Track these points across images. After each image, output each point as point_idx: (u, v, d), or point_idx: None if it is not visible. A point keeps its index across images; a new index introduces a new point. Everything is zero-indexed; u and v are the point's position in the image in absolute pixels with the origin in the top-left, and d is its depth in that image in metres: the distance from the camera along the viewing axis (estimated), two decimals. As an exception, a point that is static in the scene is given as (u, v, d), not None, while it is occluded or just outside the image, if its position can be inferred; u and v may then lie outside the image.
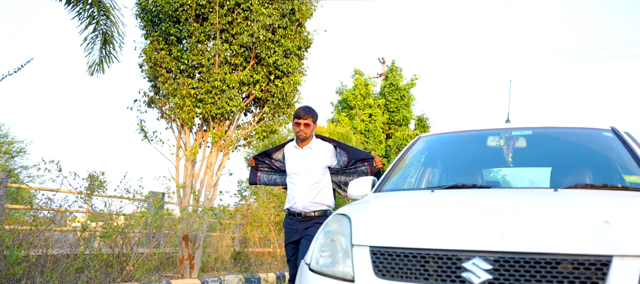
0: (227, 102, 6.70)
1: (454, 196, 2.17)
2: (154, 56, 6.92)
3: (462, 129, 2.94)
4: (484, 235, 1.65)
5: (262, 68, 6.94)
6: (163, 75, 6.94)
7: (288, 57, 6.96)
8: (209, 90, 6.75)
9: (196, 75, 7.19)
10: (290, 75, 7.06)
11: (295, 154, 3.76)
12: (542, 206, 1.88)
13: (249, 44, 6.70)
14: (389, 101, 16.31)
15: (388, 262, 1.72)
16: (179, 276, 7.12)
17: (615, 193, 2.03)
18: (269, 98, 7.13)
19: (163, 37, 6.95)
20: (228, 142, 7.10)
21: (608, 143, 2.53)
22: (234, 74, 6.91)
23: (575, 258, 1.50)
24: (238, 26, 6.82)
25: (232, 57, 6.92)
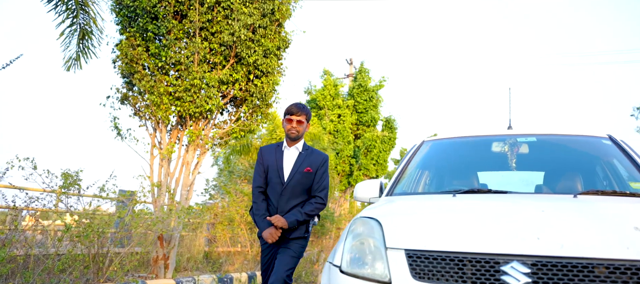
0: (206, 101, 6.66)
1: (478, 201, 2.24)
2: (130, 52, 6.78)
3: (466, 135, 3.03)
4: (520, 239, 1.72)
5: (242, 67, 6.93)
6: (139, 72, 6.81)
7: (267, 57, 6.99)
8: (187, 88, 6.68)
9: (173, 73, 7.10)
10: (269, 75, 7.08)
11: (285, 156, 3.43)
12: (570, 212, 1.97)
13: (230, 42, 6.68)
14: (358, 102, 16.52)
15: (425, 265, 1.77)
16: (153, 277, 7.01)
17: (630, 200, 2.15)
18: (248, 97, 7.12)
19: (140, 33, 6.82)
20: (206, 140, 7.06)
21: (608, 150, 2.69)
22: (213, 73, 6.87)
23: (611, 263, 1.58)
24: (218, 24, 6.78)
25: (212, 55, 6.87)
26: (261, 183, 3.40)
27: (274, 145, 3.48)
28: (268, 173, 3.37)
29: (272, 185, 3.35)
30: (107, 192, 6.21)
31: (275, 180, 3.33)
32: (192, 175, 7.23)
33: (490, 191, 2.41)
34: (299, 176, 3.30)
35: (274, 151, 3.42)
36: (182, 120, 7.34)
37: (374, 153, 16.01)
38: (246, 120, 7.35)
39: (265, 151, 3.47)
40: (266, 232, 3.21)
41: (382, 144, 16.39)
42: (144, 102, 7.15)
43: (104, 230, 5.67)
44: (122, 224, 6.09)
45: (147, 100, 6.89)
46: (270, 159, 3.40)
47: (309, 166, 3.32)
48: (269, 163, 3.39)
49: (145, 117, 7.33)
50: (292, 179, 3.30)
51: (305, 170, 3.31)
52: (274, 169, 3.35)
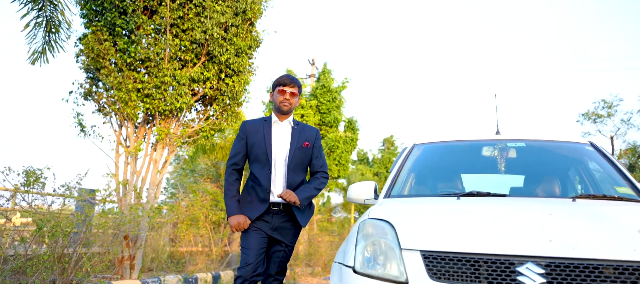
0: (176, 98, 6.57)
1: (482, 204, 2.33)
2: (97, 47, 6.60)
3: (455, 139, 3.14)
4: (533, 241, 1.81)
5: (214, 66, 6.88)
6: (107, 68, 6.64)
7: (239, 56, 6.97)
8: (157, 85, 6.57)
9: (141, 70, 6.95)
10: (240, 74, 7.07)
11: (274, 131, 3.09)
12: (574, 215, 2.08)
13: (202, 40, 6.62)
14: (321, 102, 16.63)
15: (441, 266, 1.85)
16: (118, 277, 6.85)
17: (623, 204, 2.30)
18: (219, 96, 7.08)
19: (108, 27, 6.65)
20: (175, 139, 6.96)
21: (591, 156, 2.86)
22: (183, 70, 6.79)
23: (620, 264, 1.70)
24: (189, 21, 6.71)
25: (182, 52, 6.79)
26: (238, 161, 3.06)
27: (259, 120, 3.13)
28: (253, 149, 3.02)
29: (259, 162, 3.00)
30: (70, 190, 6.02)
31: (263, 158, 2.98)
32: (160, 173, 7.11)
33: (491, 195, 2.51)
34: (299, 152, 3.03)
35: (261, 125, 3.07)
36: (150, 118, 7.21)
37: (336, 154, 16.15)
38: (216, 119, 7.29)
39: (250, 125, 3.10)
40: (234, 220, 2.92)
41: (345, 145, 16.56)
42: (110, 98, 6.97)
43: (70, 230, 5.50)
44: (88, 224, 5.92)
45: (114, 96, 6.72)
46: (257, 135, 3.03)
47: (306, 141, 3.08)
48: (255, 139, 3.02)
49: (110, 114, 7.16)
50: (294, 156, 3.01)
51: (304, 144, 3.06)
52: (261, 145, 2.99)
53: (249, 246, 2.94)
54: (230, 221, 2.95)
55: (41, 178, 5.86)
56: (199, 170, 12.68)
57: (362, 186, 2.86)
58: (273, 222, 2.99)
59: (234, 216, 2.96)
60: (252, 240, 2.95)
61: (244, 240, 2.99)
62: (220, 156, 10.78)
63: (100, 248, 6.15)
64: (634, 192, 2.46)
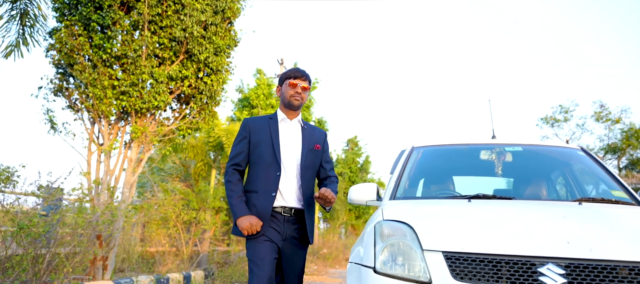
0: (154, 97, 6.48)
1: (495, 206, 2.42)
2: (71, 42, 6.42)
3: (454, 142, 3.25)
4: (552, 243, 1.90)
5: (192, 64, 6.83)
6: (81, 63, 6.47)
7: (218, 55, 6.95)
8: (134, 82, 6.46)
9: (117, 67, 6.81)
10: (218, 73, 7.04)
11: (282, 129, 2.78)
12: (587, 218, 2.20)
13: (181, 38, 6.56)
14: (291, 102, 16.68)
15: (464, 266, 1.91)
16: (90, 278, 6.68)
17: (624, 207, 2.45)
18: (196, 95, 7.03)
19: (82, 22, 6.48)
20: (151, 137, 6.86)
21: (583, 161, 3.03)
22: (161, 68, 6.70)
23: (636, 265, 1.81)
24: (168, 19, 6.63)
25: (161, 50, 6.70)
26: (240, 161, 2.73)
27: (264, 117, 2.83)
28: (257, 149, 2.70)
29: (263, 164, 2.67)
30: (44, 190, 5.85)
31: (269, 158, 2.66)
32: (134, 172, 6.99)
33: (497, 198, 2.61)
34: (311, 155, 2.77)
35: (266, 123, 2.77)
36: (124, 115, 7.07)
37: (306, 154, 16.23)
38: (193, 118, 7.23)
39: (254, 123, 2.78)
40: (245, 221, 2.55)
41: (314, 145, 16.67)
42: (82, 95, 6.80)
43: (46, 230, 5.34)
44: (63, 224, 5.76)
45: (88, 92, 6.56)
46: (262, 132, 2.73)
47: (317, 143, 2.83)
48: (260, 137, 2.72)
49: (82, 111, 6.98)
50: (307, 158, 2.74)
51: (315, 147, 2.81)
52: (267, 144, 2.69)
53: (259, 257, 2.56)
54: (240, 224, 2.57)
55: (12, 177, 5.67)
56: (168, 169, 12.47)
57: (364, 188, 2.90)
58: (285, 231, 2.65)
59: (245, 217, 2.58)
60: (262, 251, 2.57)
61: (252, 251, 2.60)
62: (191, 155, 10.66)
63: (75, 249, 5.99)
64: (627, 195, 2.64)
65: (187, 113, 7.33)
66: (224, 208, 10.80)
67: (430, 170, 3.22)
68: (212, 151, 11.31)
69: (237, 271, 10.16)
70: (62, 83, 6.93)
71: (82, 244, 6.09)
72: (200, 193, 10.41)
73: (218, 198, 10.40)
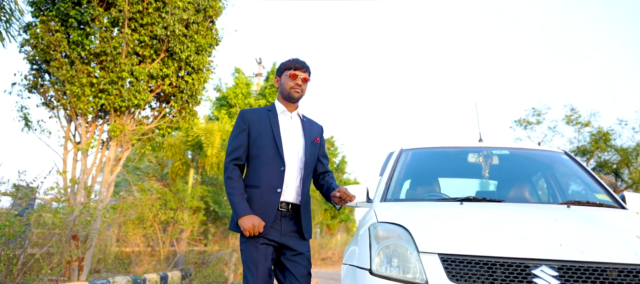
0: (134, 95, 6.38)
1: (486, 208, 2.47)
2: (47, 38, 6.27)
3: (442, 145, 3.30)
4: (545, 245, 1.96)
5: (173, 62, 6.75)
6: (57, 60, 6.32)
7: (199, 54, 6.89)
8: (113, 80, 6.35)
9: (95, 64, 6.68)
10: (200, 72, 6.99)
11: (282, 122, 2.67)
12: (577, 221, 2.26)
13: (162, 36, 6.48)
14: (270, 102, 16.64)
15: (460, 268, 1.95)
16: (65, 279, 6.54)
17: (611, 210, 2.52)
18: (177, 93, 6.96)
19: (60, 18, 6.33)
20: (130, 136, 6.75)
21: (567, 164, 3.12)
22: (141, 66, 6.60)
23: (624, 267, 1.88)
24: (149, 16, 6.54)
25: (141, 48, 6.60)
26: (241, 155, 2.59)
27: (262, 109, 2.71)
28: (258, 142, 2.58)
29: (264, 157, 2.56)
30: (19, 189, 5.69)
31: (271, 152, 2.55)
32: (113, 171, 6.87)
33: (487, 200, 2.65)
34: (312, 148, 2.67)
35: (265, 115, 2.66)
36: (102, 114, 6.95)
37: (284, 154, 16.21)
38: (173, 117, 7.15)
39: (252, 114, 2.66)
40: (248, 221, 2.42)
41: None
42: (59, 92, 6.64)
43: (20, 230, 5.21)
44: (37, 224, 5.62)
45: (65, 90, 6.42)
46: (261, 124, 2.61)
47: (316, 136, 2.74)
48: (260, 129, 2.60)
49: (57, 108, 6.82)
50: (308, 152, 2.64)
51: (316, 140, 2.72)
52: (268, 137, 2.58)
53: (253, 263, 2.46)
54: (242, 224, 2.43)
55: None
56: (144, 168, 12.28)
57: (354, 189, 2.89)
58: (283, 227, 2.54)
59: (247, 217, 2.44)
60: (257, 256, 2.47)
61: (248, 255, 2.49)
62: (169, 154, 10.53)
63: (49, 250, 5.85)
64: (610, 198, 2.74)
65: (167, 112, 7.24)
66: (201, 208, 10.70)
67: (420, 172, 3.27)
68: (190, 150, 11.20)
69: (215, 272, 10.07)
70: (37, 80, 6.76)
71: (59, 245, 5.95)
72: (178, 192, 10.29)
73: (196, 198, 10.29)
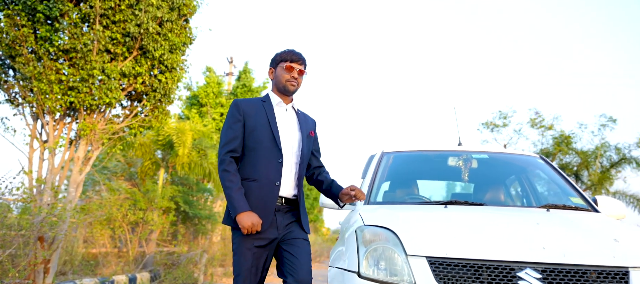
0: (106, 93, 6.24)
1: (470, 212, 2.53)
2: (13, 33, 6.05)
3: (423, 148, 3.34)
4: (529, 249, 2.02)
5: (146, 61, 6.63)
6: (24, 56, 6.12)
7: (173, 52, 6.79)
8: (84, 78, 6.19)
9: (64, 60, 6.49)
10: (173, 71, 6.89)
11: (278, 114, 2.58)
12: (557, 224, 2.34)
13: (136, 34, 6.35)
14: (241, 102, 16.53)
15: (448, 271, 2.00)
16: (30, 283, 6.33)
17: (587, 214, 2.61)
18: (150, 92, 6.83)
19: (26, 12, 6.12)
20: (100, 135, 6.59)
21: (543, 168, 3.22)
22: (113, 63, 6.46)
23: (603, 269, 1.97)
24: (121, 13, 6.40)
25: (113, 45, 6.46)
26: (236, 147, 2.47)
27: (256, 99, 2.61)
28: (254, 134, 2.48)
29: (263, 150, 2.46)
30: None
31: (269, 144, 2.46)
32: (82, 171, 6.69)
33: (469, 203, 2.72)
34: (308, 142, 2.60)
35: (261, 106, 2.55)
36: (71, 112, 6.76)
37: (255, 154, 16.12)
38: (146, 116, 7.02)
39: (247, 105, 2.55)
40: (247, 219, 2.31)
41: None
42: (25, 89, 6.43)
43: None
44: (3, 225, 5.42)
45: (32, 87, 6.21)
46: (258, 116, 2.52)
47: (311, 130, 2.66)
48: (257, 121, 2.50)
49: (23, 105, 6.60)
50: (304, 146, 2.57)
51: (311, 133, 2.65)
52: (264, 129, 2.48)
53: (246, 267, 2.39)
54: (241, 221, 2.31)
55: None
56: (113, 168, 11.98)
57: None
58: (278, 222, 2.45)
59: (247, 215, 2.33)
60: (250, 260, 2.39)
61: (239, 258, 2.41)
62: (139, 153, 10.32)
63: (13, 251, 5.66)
64: (584, 202, 2.85)
65: (139, 111, 7.11)
66: (172, 208, 10.54)
67: (402, 175, 3.33)
68: (160, 150, 11.00)
69: (185, 273, 9.93)
70: (0, 76, 6.52)
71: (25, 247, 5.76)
72: (147, 192, 10.10)
73: (166, 198, 10.12)
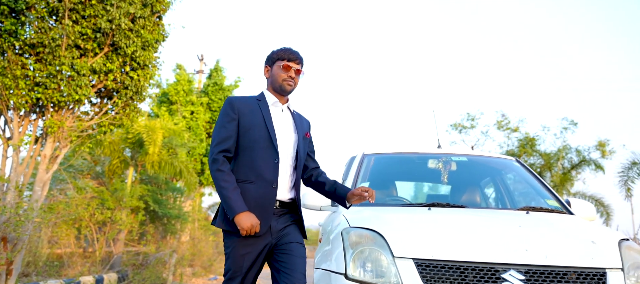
0: (75, 90, 6.08)
1: (453, 214, 2.58)
2: (-24, 25, 5.83)
3: (403, 151, 3.39)
4: (512, 250, 2.08)
5: (118, 57, 6.49)
6: (-12, 50, 5.90)
7: (146, 49, 6.67)
8: (53, 74, 6.01)
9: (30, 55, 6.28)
10: (145, 68, 6.77)
11: (274, 114, 2.49)
12: (538, 227, 2.42)
13: (107, 30, 6.21)
14: (212, 100, 16.32)
15: (435, 273, 2.04)
16: (-9, 285, 6.11)
17: (560, 216, 2.70)
18: (121, 89, 6.69)
19: (-10, 4, 5.90)
20: (68, 132, 6.41)
21: (519, 171, 3.31)
22: (82, 59, 6.29)
23: (583, 270, 2.05)
24: (92, 8, 6.24)
25: (83, 41, 6.29)
26: (230, 147, 2.36)
27: (251, 98, 2.51)
28: (249, 133, 2.38)
29: (259, 150, 2.36)
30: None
31: (265, 144, 2.36)
32: (48, 169, 6.49)
33: (451, 205, 2.78)
34: (303, 143, 2.52)
35: (256, 105, 2.46)
36: (36, 108, 6.55)
37: (227, 153, 15.96)
38: (116, 114, 6.87)
39: (242, 103, 2.44)
40: (246, 220, 2.22)
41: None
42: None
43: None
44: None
45: (-4, 82, 5.99)
46: (253, 115, 2.42)
47: (307, 131, 2.60)
48: (252, 120, 2.40)
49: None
50: (301, 147, 2.49)
51: (306, 135, 2.58)
52: (261, 129, 2.38)
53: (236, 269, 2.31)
54: (240, 222, 2.22)
55: None
56: (78, 166, 11.65)
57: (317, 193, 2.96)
58: (275, 226, 2.36)
59: (245, 215, 2.24)
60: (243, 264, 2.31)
61: (232, 262, 2.33)
62: (108, 152, 10.08)
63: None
64: (558, 204, 2.95)
65: (110, 108, 6.95)
66: (141, 208, 10.34)
67: (384, 177, 3.37)
68: (129, 148, 10.77)
69: (154, 274, 9.76)
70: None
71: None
72: (116, 191, 9.87)
73: (135, 197, 9.92)
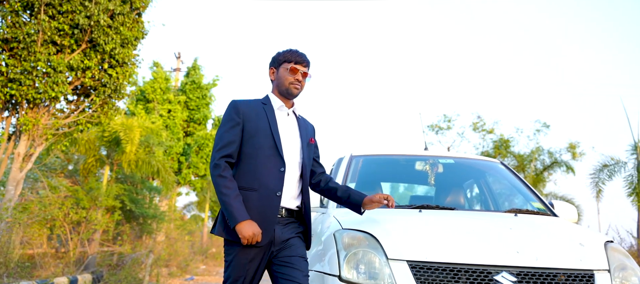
0: (51, 87, 5.94)
1: (444, 216, 2.61)
2: (-53, 19, 5.65)
3: (391, 153, 3.42)
4: (504, 252, 2.12)
5: (96, 54, 6.37)
6: (-41, 44, 5.72)
7: (125, 47, 6.56)
8: (27, 70, 5.86)
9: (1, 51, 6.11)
10: (124, 66, 6.66)
11: (280, 119, 2.40)
12: (528, 229, 2.47)
13: (85, 26, 6.08)
14: (190, 98, 16.15)
15: (429, 275, 2.06)
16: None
17: (547, 218, 2.76)
18: (99, 87, 6.57)
19: (-37, -3, 5.73)
20: (44, 130, 6.26)
21: (503, 173, 3.38)
22: (59, 56, 6.15)
23: (572, 272, 2.10)
24: (69, 3, 6.11)
25: (60, 37, 6.15)
26: (232, 152, 2.26)
27: (256, 101, 2.41)
28: (254, 139, 2.28)
29: (263, 157, 2.26)
30: None
31: (270, 151, 2.27)
32: (22, 168, 6.33)
33: (440, 208, 2.81)
34: (308, 150, 2.44)
35: (261, 109, 2.36)
36: (9, 105, 6.38)
37: (205, 152, 15.83)
38: (94, 112, 6.74)
39: (247, 106, 2.34)
40: (248, 229, 2.13)
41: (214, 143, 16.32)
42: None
43: None
44: None
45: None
46: (258, 120, 2.32)
47: (311, 136, 2.51)
48: (258, 125, 2.30)
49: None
50: (306, 153, 2.41)
51: (311, 140, 2.49)
52: (266, 134, 2.29)
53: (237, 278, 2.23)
54: (242, 231, 2.14)
55: None
56: (51, 164, 11.36)
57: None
58: (282, 235, 2.26)
59: (247, 223, 2.15)
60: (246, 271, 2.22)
61: (234, 268, 2.24)
62: (83, 150, 9.86)
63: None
64: (543, 206, 3.03)
65: (87, 106, 6.81)
66: (117, 207, 10.15)
67: (372, 178, 3.39)
68: (105, 146, 10.55)
69: (130, 274, 9.59)
70: None
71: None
72: (91, 190, 9.65)
73: (111, 197, 9.73)
